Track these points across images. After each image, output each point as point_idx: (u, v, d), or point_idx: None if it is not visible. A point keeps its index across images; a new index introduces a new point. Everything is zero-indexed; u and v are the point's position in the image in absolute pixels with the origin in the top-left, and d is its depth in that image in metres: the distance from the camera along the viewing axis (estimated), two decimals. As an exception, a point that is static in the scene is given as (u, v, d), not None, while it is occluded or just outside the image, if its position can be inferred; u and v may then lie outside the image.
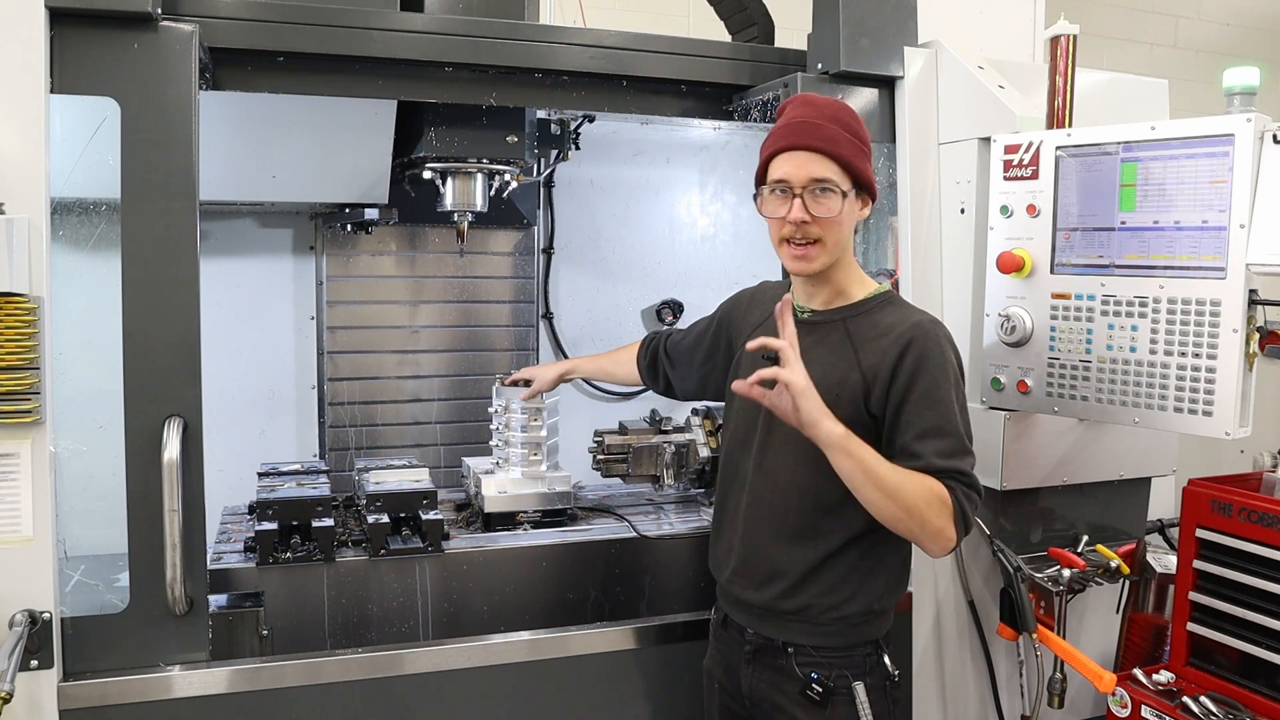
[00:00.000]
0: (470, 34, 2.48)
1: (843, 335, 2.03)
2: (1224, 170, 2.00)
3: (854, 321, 2.03)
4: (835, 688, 1.99)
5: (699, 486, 3.03)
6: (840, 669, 2.00)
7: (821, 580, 2.01)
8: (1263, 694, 2.30)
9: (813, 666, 2.02)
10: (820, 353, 2.02)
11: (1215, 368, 2.03)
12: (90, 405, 2.10)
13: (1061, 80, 2.38)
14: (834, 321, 2.05)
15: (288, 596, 2.45)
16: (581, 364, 2.84)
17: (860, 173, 1.98)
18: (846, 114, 2.03)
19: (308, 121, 2.79)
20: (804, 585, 2.02)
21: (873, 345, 1.98)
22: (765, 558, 2.07)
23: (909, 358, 1.93)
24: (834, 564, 2.01)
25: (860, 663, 2.01)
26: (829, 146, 1.94)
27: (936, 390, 1.92)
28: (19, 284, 1.92)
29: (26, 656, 1.96)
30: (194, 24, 2.11)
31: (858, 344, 2.00)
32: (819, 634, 2.02)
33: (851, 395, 1.97)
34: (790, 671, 2.04)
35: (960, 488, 1.90)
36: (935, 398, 1.92)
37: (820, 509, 2.01)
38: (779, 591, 2.04)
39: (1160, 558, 2.86)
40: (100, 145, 2.07)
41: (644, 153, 3.69)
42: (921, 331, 1.95)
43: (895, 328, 1.98)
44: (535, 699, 2.40)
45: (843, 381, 1.98)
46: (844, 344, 2.02)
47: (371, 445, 3.38)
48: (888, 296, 2.08)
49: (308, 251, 3.35)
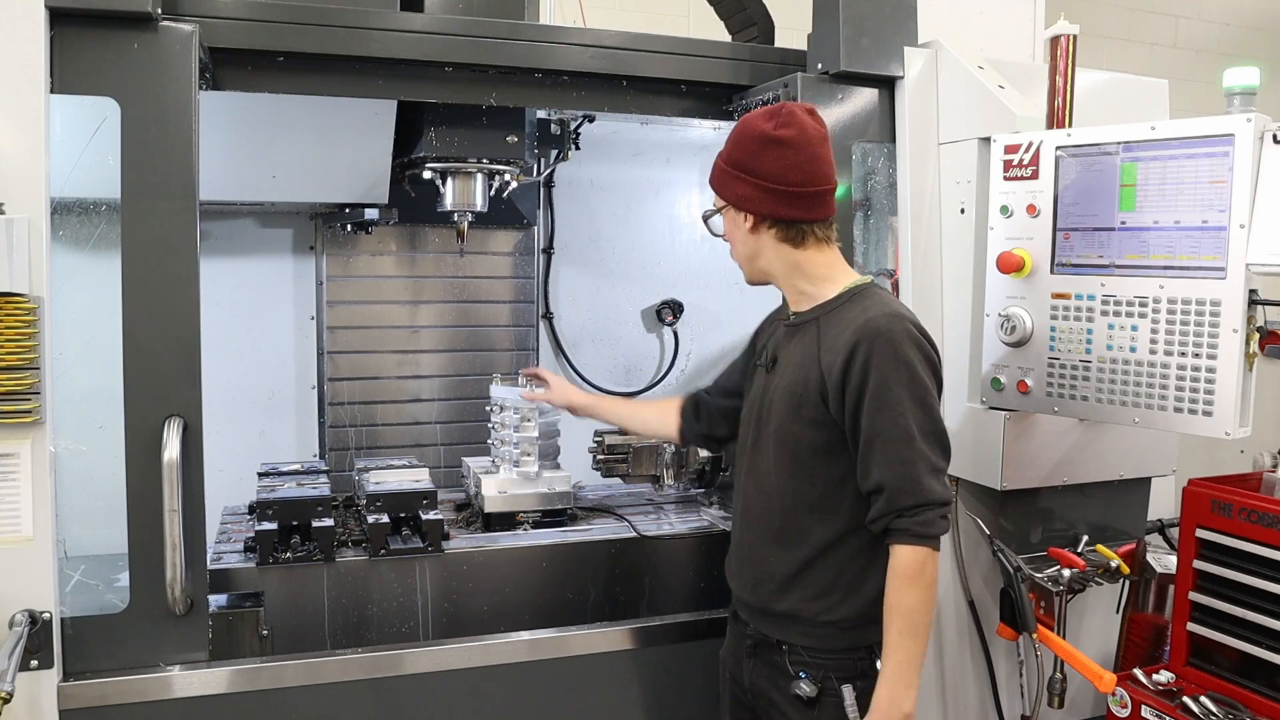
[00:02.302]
0: (470, 34, 2.48)
1: (814, 334, 2.05)
2: (1224, 170, 2.00)
3: (825, 319, 2.05)
4: (824, 689, 2.01)
5: (699, 486, 3.04)
6: (830, 671, 2.01)
7: (807, 583, 2.02)
8: (1263, 694, 2.30)
9: (803, 666, 2.03)
10: (794, 354, 2.07)
11: (1215, 368, 2.02)
12: (90, 405, 2.09)
13: (1061, 80, 2.38)
14: (809, 321, 2.08)
15: (288, 596, 2.45)
16: (605, 405, 2.73)
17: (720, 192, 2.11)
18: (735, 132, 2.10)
19: (308, 121, 2.79)
20: (790, 587, 2.04)
21: (833, 342, 1.99)
22: (755, 558, 2.11)
23: (858, 357, 1.92)
24: (820, 567, 2.02)
25: (851, 666, 2.01)
26: (710, 178, 2.17)
27: (886, 391, 1.90)
28: (19, 284, 1.92)
29: (26, 656, 1.96)
30: (194, 24, 2.11)
31: (822, 341, 2.02)
32: (811, 636, 2.03)
33: (813, 393, 1.99)
34: (784, 669, 2.06)
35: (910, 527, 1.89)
36: (884, 399, 1.90)
37: (800, 509, 2.03)
38: (768, 592, 2.07)
39: (1160, 558, 2.86)
40: (100, 145, 2.07)
41: (644, 153, 3.69)
42: (872, 329, 1.93)
43: (851, 324, 1.97)
44: (535, 699, 2.40)
45: (806, 381, 2.01)
46: (812, 342, 2.04)
47: (371, 445, 3.38)
48: (860, 290, 2.06)
49: (308, 251, 3.35)
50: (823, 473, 2.01)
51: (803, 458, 2.02)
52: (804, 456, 2.02)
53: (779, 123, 2.01)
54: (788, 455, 2.03)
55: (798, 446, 2.02)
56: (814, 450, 2.00)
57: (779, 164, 2.00)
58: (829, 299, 2.06)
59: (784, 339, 2.13)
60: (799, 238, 2.05)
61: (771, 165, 2.01)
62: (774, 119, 2.02)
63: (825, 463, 2.00)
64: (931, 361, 1.98)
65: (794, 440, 2.02)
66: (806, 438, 2.01)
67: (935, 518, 1.90)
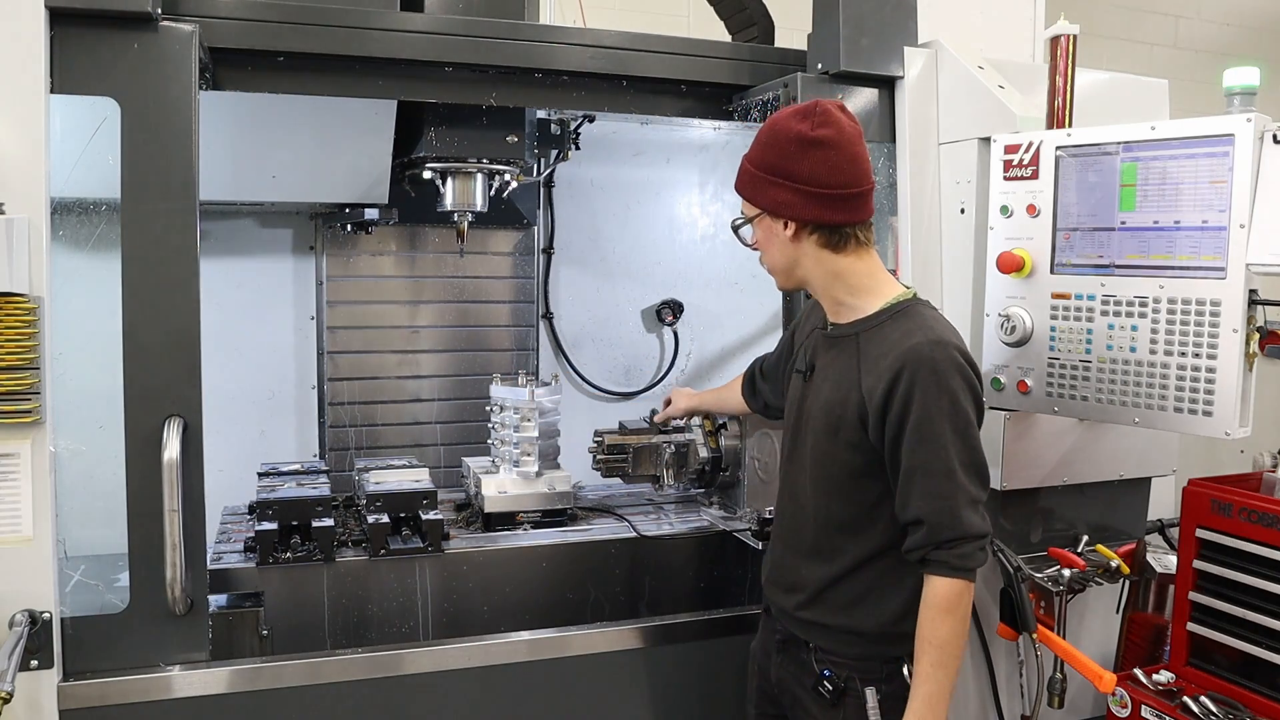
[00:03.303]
0: (470, 34, 2.48)
1: (854, 350, 2.00)
2: (1224, 170, 2.00)
3: (865, 336, 2.00)
4: (847, 689, 2.01)
5: (699, 486, 3.03)
6: (854, 672, 2.01)
7: (838, 597, 2.03)
8: (1263, 694, 2.30)
9: (829, 665, 2.04)
10: (833, 370, 2.03)
11: (1215, 368, 2.02)
12: (90, 405, 2.09)
13: (1061, 80, 2.37)
14: (849, 336, 2.03)
15: (288, 596, 2.45)
16: (706, 399, 2.86)
17: (754, 199, 2.00)
18: (765, 134, 1.99)
19: (308, 121, 2.79)
20: (820, 599, 2.04)
21: (874, 364, 1.94)
22: (788, 567, 2.12)
23: (900, 386, 1.88)
24: (850, 582, 2.02)
25: (877, 669, 2.01)
26: (735, 185, 2.05)
27: (929, 423, 1.86)
28: (19, 284, 1.92)
29: (26, 656, 1.96)
30: (194, 24, 2.11)
31: (863, 361, 1.97)
32: (836, 641, 2.04)
33: (852, 417, 1.96)
34: (810, 667, 2.07)
35: (948, 560, 1.88)
36: (925, 431, 1.87)
37: (833, 528, 2.02)
38: (797, 602, 2.08)
39: (1160, 558, 2.86)
40: (100, 145, 2.07)
41: (644, 153, 3.69)
42: (915, 356, 1.88)
43: (896, 347, 1.92)
44: (535, 699, 2.40)
45: (845, 401, 1.97)
46: (852, 360, 1.99)
47: (371, 445, 3.38)
48: (902, 307, 2.00)
49: (308, 251, 3.35)
50: (858, 495, 1.99)
51: (839, 479, 2.00)
52: (840, 478, 2.00)
53: (815, 122, 1.93)
54: (823, 475, 2.02)
55: (834, 468, 2.00)
56: (851, 473, 1.98)
57: (820, 166, 1.92)
58: (870, 314, 2.01)
59: (822, 347, 2.09)
60: (841, 242, 1.98)
61: (812, 168, 1.92)
62: (809, 119, 1.93)
63: (861, 485, 1.98)
64: (974, 389, 1.94)
65: (830, 461, 2.00)
66: (843, 459, 1.98)
67: (973, 550, 1.89)
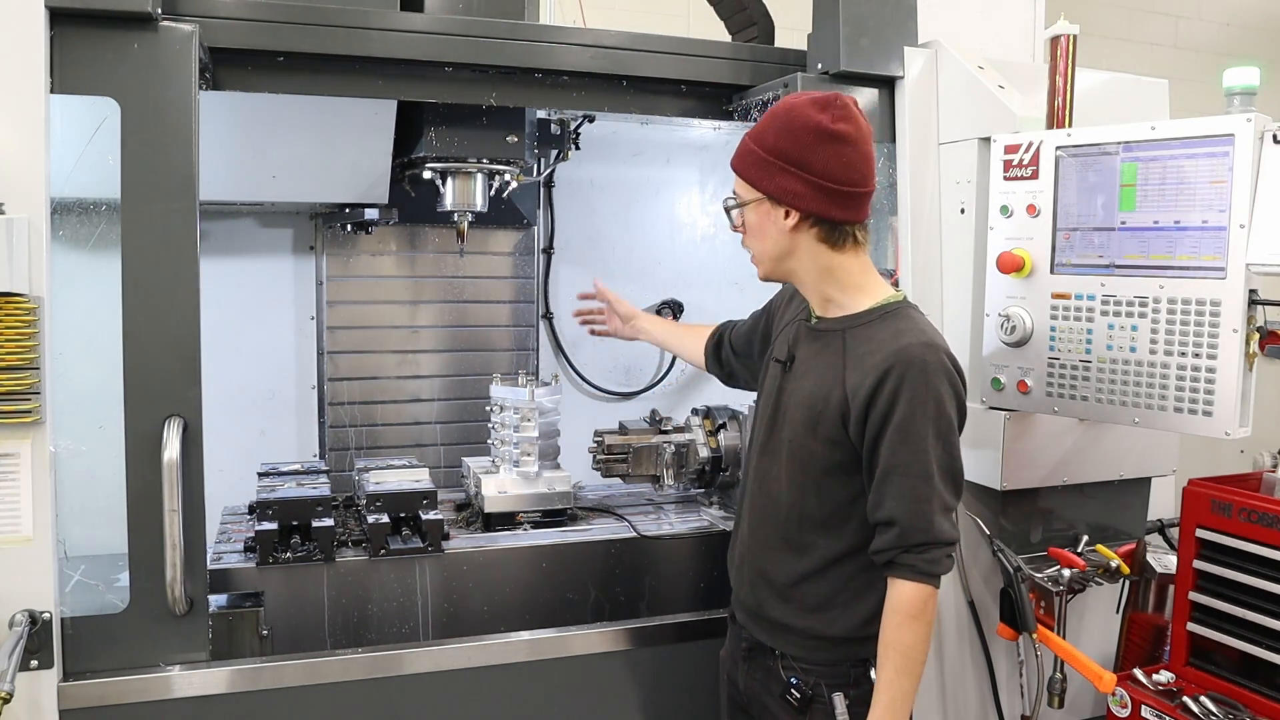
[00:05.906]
0: (470, 34, 2.48)
1: (839, 346, 1.99)
2: (1224, 170, 2.00)
3: (852, 333, 1.99)
4: (814, 696, 2.00)
5: (699, 486, 3.03)
6: (820, 679, 2.00)
7: (807, 594, 2.01)
8: (1263, 694, 2.30)
9: (794, 673, 2.02)
10: (817, 363, 2.02)
11: (1215, 368, 2.02)
12: (90, 405, 2.09)
13: (1061, 80, 2.38)
14: (835, 331, 2.02)
15: (288, 596, 2.45)
16: (652, 326, 2.78)
17: (758, 183, 1.95)
18: (780, 119, 1.94)
19: (308, 121, 2.79)
20: (787, 598, 2.02)
21: (859, 362, 1.93)
22: (757, 560, 2.09)
23: (887, 385, 1.87)
24: (818, 582, 2.00)
25: (844, 674, 2.00)
26: (734, 163, 2.00)
27: (912, 424, 1.85)
28: (19, 284, 1.92)
29: (26, 656, 1.96)
30: (194, 24, 2.11)
31: (848, 358, 1.96)
32: (803, 646, 2.02)
33: (834, 413, 1.94)
34: (777, 674, 2.05)
35: (916, 564, 1.87)
36: (908, 432, 1.86)
37: (804, 524, 2.01)
38: (765, 596, 2.06)
39: (1160, 558, 2.86)
40: (100, 145, 2.07)
41: (644, 153, 3.69)
42: (906, 357, 1.87)
43: (883, 347, 1.91)
44: (535, 699, 2.40)
45: (828, 398, 1.96)
46: (837, 356, 1.98)
47: (371, 445, 3.38)
48: (892, 308, 1.99)
49: (308, 251, 3.35)
50: (832, 491, 1.98)
51: (814, 474, 1.99)
52: (815, 473, 1.98)
53: (835, 115, 1.90)
54: (799, 469, 2.00)
55: (810, 462, 1.98)
56: (826, 469, 1.97)
57: (836, 161, 1.90)
58: (858, 311, 1.99)
59: (805, 339, 2.07)
60: (840, 240, 1.96)
61: (826, 161, 1.90)
62: (829, 110, 1.91)
63: (836, 482, 1.97)
64: (960, 397, 1.94)
65: (807, 455, 1.99)
66: (820, 455, 1.97)
67: (941, 556, 1.88)
